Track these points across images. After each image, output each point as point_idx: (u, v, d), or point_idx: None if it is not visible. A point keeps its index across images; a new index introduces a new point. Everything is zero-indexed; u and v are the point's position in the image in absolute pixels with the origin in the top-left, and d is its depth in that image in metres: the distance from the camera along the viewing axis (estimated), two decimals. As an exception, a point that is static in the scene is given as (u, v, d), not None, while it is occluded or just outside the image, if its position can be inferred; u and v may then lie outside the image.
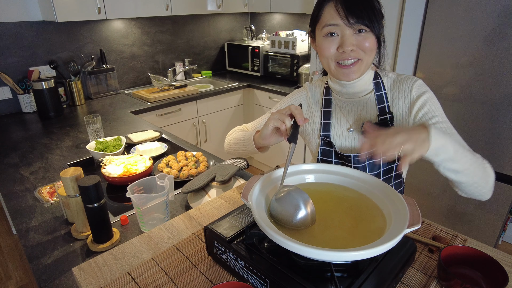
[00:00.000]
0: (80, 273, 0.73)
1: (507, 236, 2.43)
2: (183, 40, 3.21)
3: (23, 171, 1.49)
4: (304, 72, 2.83)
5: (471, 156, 0.81)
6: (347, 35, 0.86)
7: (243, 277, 0.67)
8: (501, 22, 1.59)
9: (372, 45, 0.88)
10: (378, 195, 0.72)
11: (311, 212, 0.64)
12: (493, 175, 0.86)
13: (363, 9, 0.84)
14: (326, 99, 1.05)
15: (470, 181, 0.82)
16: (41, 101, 2.20)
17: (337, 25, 0.86)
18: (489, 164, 0.87)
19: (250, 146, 0.99)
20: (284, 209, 0.64)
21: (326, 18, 0.88)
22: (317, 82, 1.11)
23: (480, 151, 0.90)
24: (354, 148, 1.02)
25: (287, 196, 0.65)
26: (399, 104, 0.97)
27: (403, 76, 0.98)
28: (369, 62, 0.92)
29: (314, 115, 1.08)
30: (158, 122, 2.54)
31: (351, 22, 0.84)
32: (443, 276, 0.65)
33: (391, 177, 1.03)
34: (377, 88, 0.98)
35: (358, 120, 1.00)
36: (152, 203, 1.02)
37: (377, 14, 0.87)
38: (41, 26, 2.38)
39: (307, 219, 0.63)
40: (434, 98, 0.95)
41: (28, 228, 1.10)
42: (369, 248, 0.53)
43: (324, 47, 0.90)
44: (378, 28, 0.87)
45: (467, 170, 0.80)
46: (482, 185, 0.84)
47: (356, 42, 0.87)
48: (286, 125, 0.79)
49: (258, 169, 3.45)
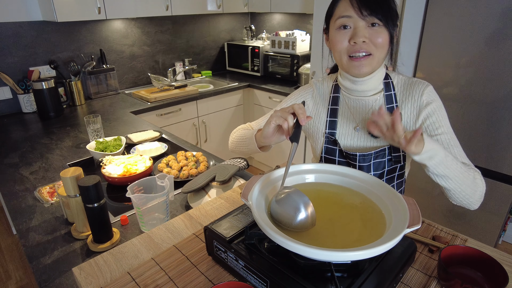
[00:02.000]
0: (80, 273, 0.73)
1: (507, 236, 2.43)
2: (183, 40, 3.21)
3: (23, 171, 1.49)
4: (304, 72, 2.83)
5: (461, 165, 0.86)
6: (359, 27, 0.86)
7: (243, 277, 0.67)
8: (501, 23, 1.59)
9: (384, 41, 0.87)
10: (378, 195, 0.72)
11: (311, 214, 0.63)
12: (482, 187, 0.91)
13: (377, 3, 0.84)
14: (334, 96, 1.04)
15: (458, 188, 0.87)
16: (41, 101, 2.20)
17: (350, 17, 0.86)
18: (481, 176, 0.91)
19: (252, 145, 0.98)
20: (284, 211, 0.64)
21: (340, 11, 0.88)
22: (325, 79, 1.10)
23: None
24: (360, 147, 1.01)
25: (287, 198, 0.65)
26: (408, 106, 0.97)
27: (414, 79, 0.98)
28: (381, 58, 0.91)
29: (320, 113, 1.07)
30: (158, 122, 2.54)
31: (364, 14, 0.84)
32: (443, 276, 0.65)
33: (394, 177, 1.03)
34: (387, 88, 0.98)
35: (366, 119, 1.00)
36: (152, 203, 1.02)
37: (392, 11, 0.86)
38: (41, 26, 2.38)
39: (307, 221, 0.63)
40: (442, 108, 0.96)
41: (28, 228, 1.10)
42: (369, 248, 0.53)
43: (337, 40, 0.90)
44: (392, 24, 0.86)
45: (456, 177, 0.85)
46: (470, 194, 0.89)
47: (369, 35, 0.86)
48: (289, 123, 0.78)
49: (258, 169, 3.45)
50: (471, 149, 1.83)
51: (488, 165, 1.80)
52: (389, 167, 1.00)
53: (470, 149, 1.83)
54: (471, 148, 1.82)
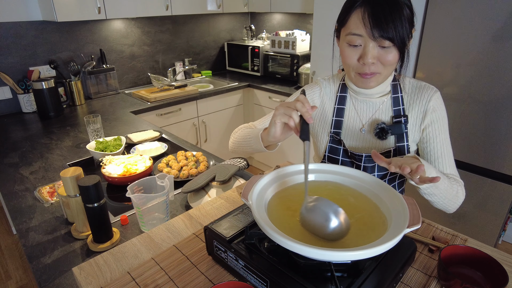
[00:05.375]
0: (80, 273, 0.73)
1: (507, 236, 2.43)
2: (183, 40, 3.21)
3: (23, 171, 1.49)
4: (304, 72, 2.83)
5: (448, 182, 0.91)
6: (369, 47, 0.84)
7: (243, 277, 0.67)
8: (501, 22, 1.59)
9: (393, 60, 0.86)
10: (378, 195, 0.72)
11: (345, 222, 0.62)
12: (462, 198, 0.96)
13: (390, 23, 0.80)
14: (341, 96, 1.04)
15: (440, 201, 0.93)
16: (41, 101, 2.20)
17: (361, 36, 0.84)
18: (463, 189, 0.96)
19: (258, 144, 0.94)
20: (315, 220, 0.62)
21: (351, 26, 0.85)
22: (333, 77, 1.09)
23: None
24: (365, 148, 1.01)
25: (317, 208, 0.63)
26: (415, 109, 0.97)
27: (423, 83, 0.98)
28: (388, 74, 0.91)
29: (327, 112, 1.07)
30: (158, 122, 2.54)
31: (375, 36, 0.82)
32: (443, 276, 0.66)
33: (395, 177, 1.04)
34: (394, 91, 0.98)
35: (372, 121, 1.00)
36: (152, 203, 1.02)
37: (405, 26, 0.82)
38: (41, 26, 2.38)
39: (342, 229, 0.61)
40: (445, 117, 0.98)
41: (28, 228, 1.10)
42: (369, 248, 0.53)
43: (346, 55, 0.90)
44: (403, 42, 0.84)
45: (440, 194, 0.90)
46: (449, 204, 0.94)
47: (378, 55, 0.85)
48: (294, 120, 0.75)
49: (258, 169, 3.45)
50: (471, 149, 1.83)
51: (488, 165, 1.80)
52: None
53: (470, 149, 1.83)
54: (471, 148, 1.82)
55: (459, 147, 1.85)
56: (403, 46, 0.84)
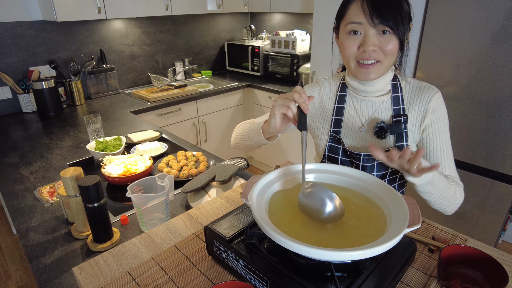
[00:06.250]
0: (80, 273, 0.73)
1: (507, 236, 2.43)
2: (183, 40, 3.21)
3: (23, 171, 1.49)
4: (304, 72, 2.83)
5: (445, 181, 0.91)
6: (370, 35, 0.85)
7: (243, 277, 0.67)
8: (501, 22, 1.59)
9: (393, 48, 0.86)
10: (378, 194, 0.72)
11: (340, 206, 0.67)
12: (460, 200, 0.96)
13: (389, 10, 0.82)
14: (341, 95, 1.04)
15: (437, 201, 0.92)
16: (41, 101, 2.20)
17: (361, 24, 0.85)
18: (461, 190, 0.96)
19: (259, 136, 0.97)
20: (312, 204, 0.68)
21: (350, 15, 0.87)
22: (333, 77, 1.10)
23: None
24: (364, 147, 1.01)
25: (313, 194, 0.68)
26: (415, 109, 0.97)
27: (424, 84, 0.98)
28: (389, 65, 0.91)
29: (327, 111, 1.07)
30: (158, 122, 2.54)
31: (375, 22, 0.83)
32: (443, 276, 0.66)
33: (396, 178, 1.03)
34: (394, 90, 0.98)
35: (372, 120, 1.00)
36: (152, 203, 1.02)
37: (404, 16, 0.84)
38: (41, 26, 2.38)
39: (337, 212, 0.67)
40: (445, 118, 0.97)
41: (28, 228, 1.10)
42: (369, 248, 0.53)
43: (346, 45, 0.90)
44: (403, 31, 0.85)
45: (438, 193, 0.90)
46: (446, 204, 0.94)
47: (378, 43, 0.86)
48: (292, 110, 0.78)
49: (258, 169, 3.45)
50: (471, 149, 1.83)
51: (488, 164, 1.80)
52: (392, 168, 1.00)
53: (470, 149, 1.83)
54: (471, 148, 1.82)
55: (459, 147, 1.85)
56: (402, 35, 0.85)
